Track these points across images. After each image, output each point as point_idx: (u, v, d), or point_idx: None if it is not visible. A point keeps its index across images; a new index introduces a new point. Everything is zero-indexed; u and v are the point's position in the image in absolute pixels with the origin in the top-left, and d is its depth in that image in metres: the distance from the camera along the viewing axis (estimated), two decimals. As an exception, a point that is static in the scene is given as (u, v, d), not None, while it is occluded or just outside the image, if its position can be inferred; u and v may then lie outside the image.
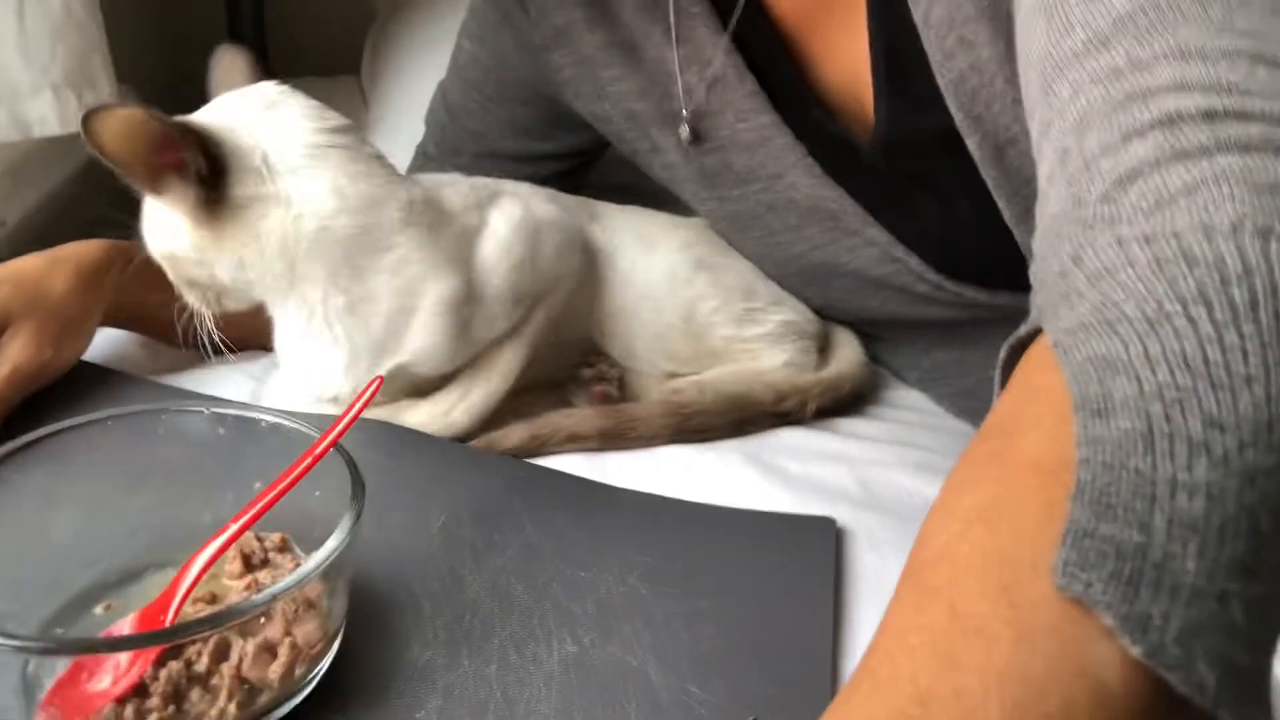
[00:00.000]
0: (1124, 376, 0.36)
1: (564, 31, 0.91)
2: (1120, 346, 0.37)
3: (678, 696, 0.55)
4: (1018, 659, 0.33)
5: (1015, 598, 0.34)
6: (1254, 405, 0.34)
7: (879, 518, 0.72)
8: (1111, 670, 0.33)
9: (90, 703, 0.50)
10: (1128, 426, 0.35)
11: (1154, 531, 0.33)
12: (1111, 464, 0.35)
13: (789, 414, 0.84)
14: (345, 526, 0.52)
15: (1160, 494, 0.34)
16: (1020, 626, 0.34)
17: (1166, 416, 0.35)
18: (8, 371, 0.73)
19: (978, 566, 0.36)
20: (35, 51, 0.98)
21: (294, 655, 0.50)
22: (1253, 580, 0.34)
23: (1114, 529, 0.34)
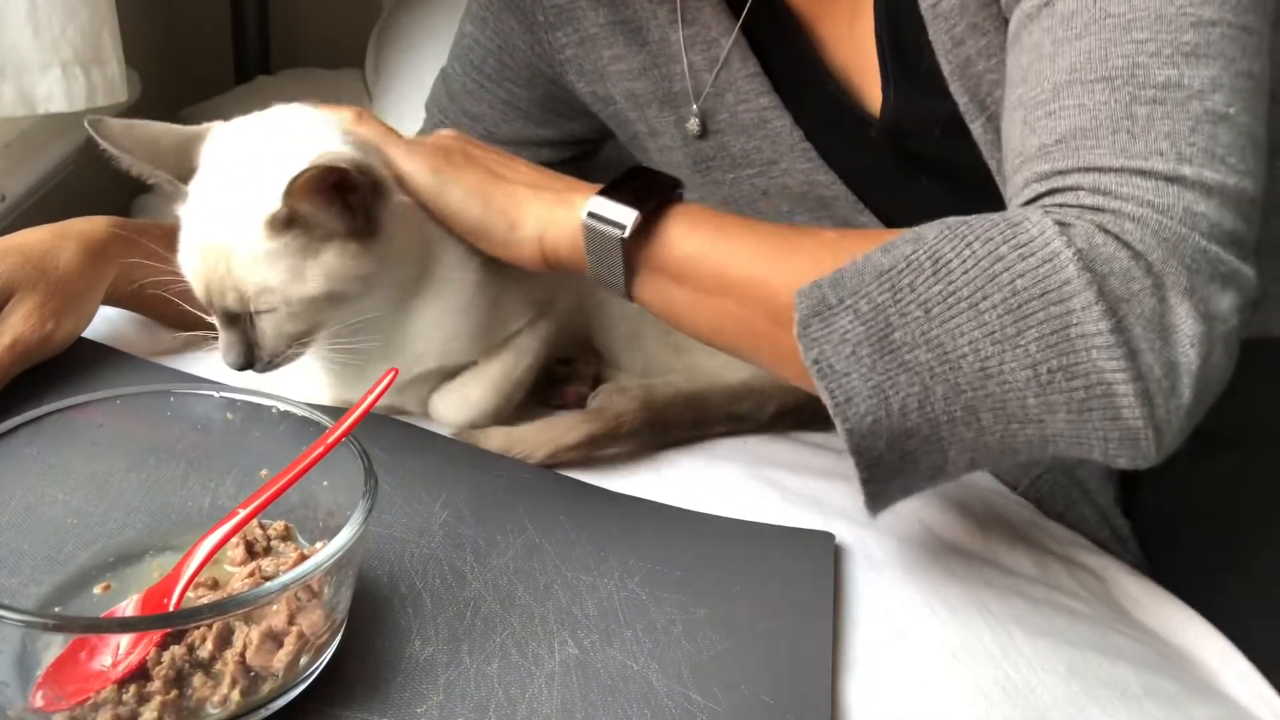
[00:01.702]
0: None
1: (567, 10, 0.91)
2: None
3: (680, 704, 0.55)
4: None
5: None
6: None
7: (876, 536, 0.72)
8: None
9: (89, 682, 0.49)
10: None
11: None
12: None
13: (745, 416, 0.84)
14: (359, 518, 0.52)
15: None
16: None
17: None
18: (8, 342, 0.72)
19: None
20: (45, 28, 0.97)
21: (300, 645, 0.50)
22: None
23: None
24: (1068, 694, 0.61)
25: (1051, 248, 0.56)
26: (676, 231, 0.68)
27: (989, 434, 0.59)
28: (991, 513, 0.80)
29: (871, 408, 0.58)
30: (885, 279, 0.59)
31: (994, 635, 0.64)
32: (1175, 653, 0.71)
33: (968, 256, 0.57)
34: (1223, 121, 0.58)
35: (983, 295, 0.56)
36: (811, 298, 0.60)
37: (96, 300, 0.80)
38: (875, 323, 0.58)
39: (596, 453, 0.78)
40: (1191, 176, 0.57)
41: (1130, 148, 0.58)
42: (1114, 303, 0.55)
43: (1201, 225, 0.56)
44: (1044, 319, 0.55)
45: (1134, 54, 0.58)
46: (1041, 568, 0.75)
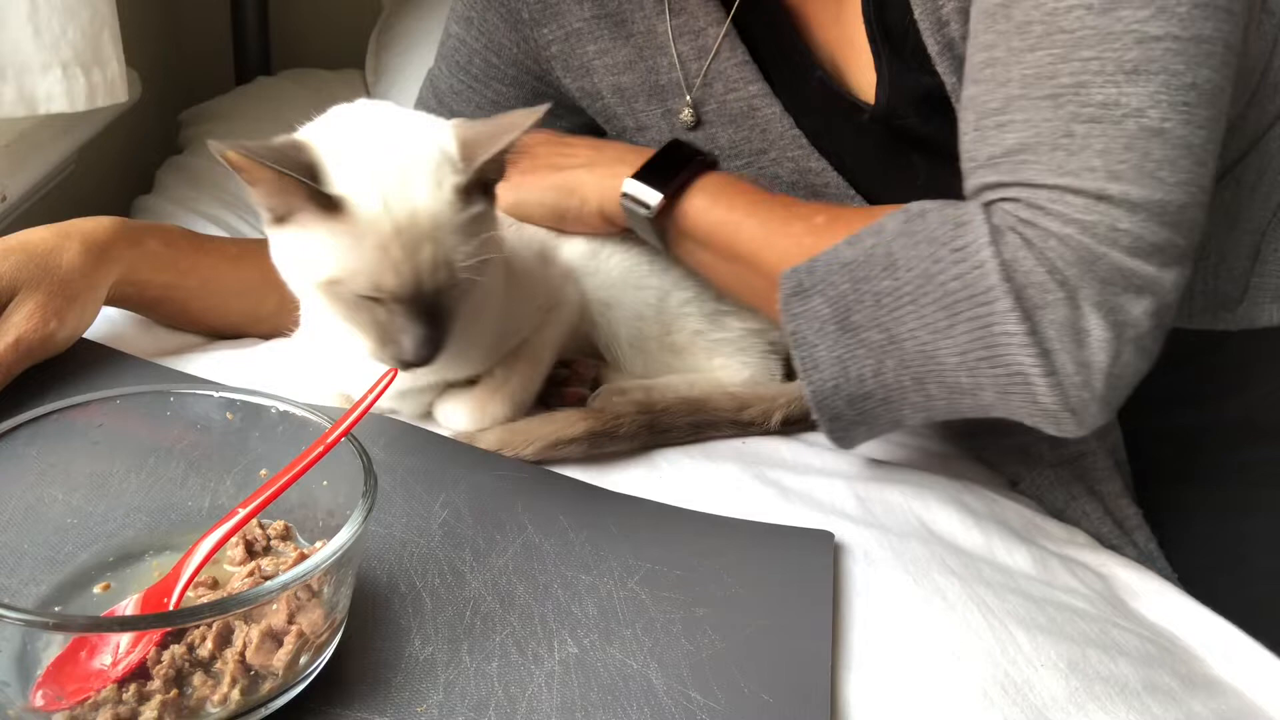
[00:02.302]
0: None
1: (551, 5, 0.92)
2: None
3: (680, 702, 0.55)
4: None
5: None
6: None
7: (875, 534, 0.72)
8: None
9: (88, 681, 0.49)
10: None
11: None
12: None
13: (752, 423, 0.84)
14: (359, 517, 0.52)
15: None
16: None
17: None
18: (11, 341, 0.72)
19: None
20: (46, 28, 0.97)
21: (300, 644, 0.50)
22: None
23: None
24: (1067, 690, 0.61)
25: (981, 256, 0.65)
26: (696, 207, 0.80)
27: (935, 399, 0.70)
28: (990, 511, 0.80)
29: (834, 374, 0.72)
30: (846, 270, 0.70)
31: (993, 633, 0.64)
32: (1176, 646, 0.71)
33: (913, 256, 0.67)
34: (1156, 137, 0.62)
35: (922, 292, 0.67)
36: (791, 280, 0.72)
37: (99, 300, 0.80)
38: (839, 306, 0.70)
39: (594, 451, 0.78)
40: (1118, 194, 0.62)
41: (1065, 165, 0.64)
42: (1030, 309, 0.63)
43: (1123, 240, 0.63)
44: (971, 317, 0.65)
45: (1079, 72, 0.63)
46: (1041, 565, 0.75)
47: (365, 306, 0.66)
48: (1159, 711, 0.62)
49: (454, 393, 0.80)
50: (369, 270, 0.64)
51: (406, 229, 0.64)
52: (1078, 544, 0.82)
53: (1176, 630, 0.73)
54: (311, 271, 0.67)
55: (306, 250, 0.66)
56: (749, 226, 0.78)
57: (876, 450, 0.86)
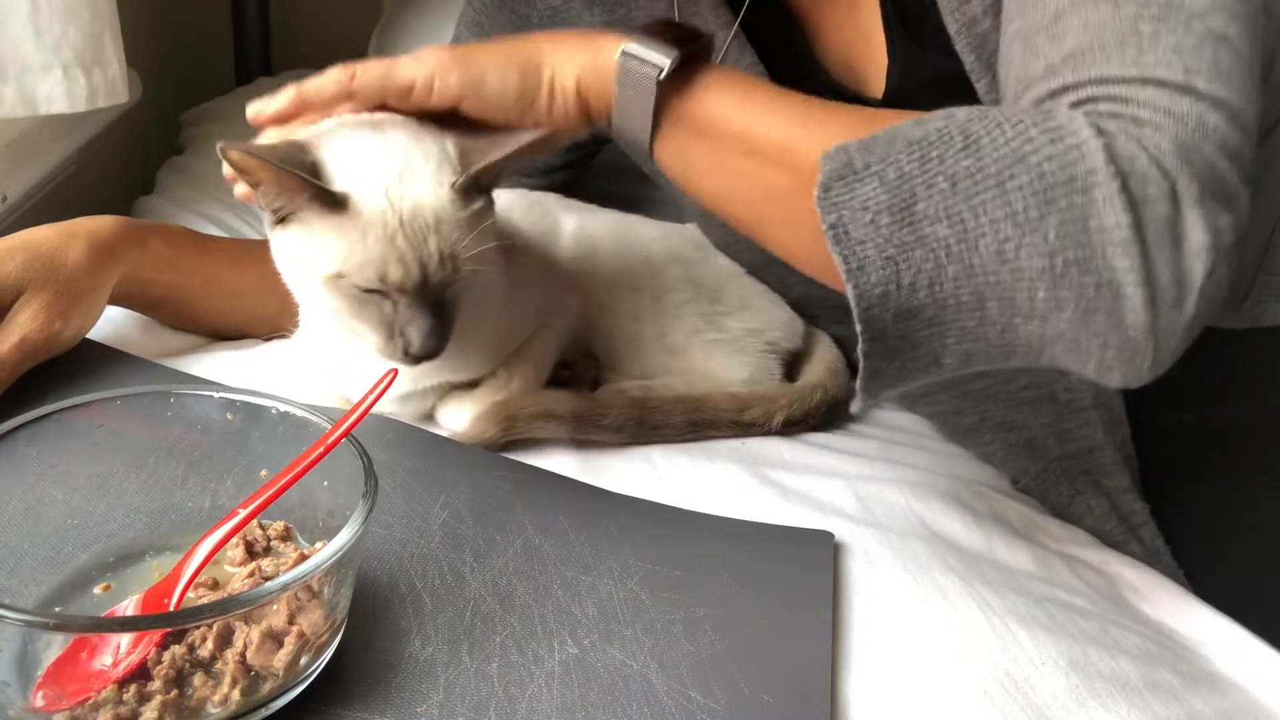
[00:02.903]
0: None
1: (561, 11, 0.92)
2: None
3: (680, 702, 0.55)
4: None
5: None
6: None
7: (875, 534, 0.73)
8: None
9: (89, 681, 0.49)
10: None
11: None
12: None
13: (753, 424, 0.84)
14: (359, 518, 0.52)
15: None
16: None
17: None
18: (16, 341, 0.73)
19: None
20: (46, 29, 0.97)
21: (300, 644, 0.50)
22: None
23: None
24: (1068, 688, 0.61)
25: (1081, 135, 0.56)
26: (708, 85, 0.68)
27: (991, 325, 0.59)
28: (991, 510, 0.80)
29: (883, 279, 0.58)
30: (915, 148, 0.58)
31: (994, 631, 0.64)
32: (1178, 644, 0.71)
33: (998, 136, 0.57)
34: (1223, 43, 0.58)
35: (1010, 175, 0.56)
36: (838, 160, 0.59)
37: (104, 300, 0.80)
38: (900, 192, 0.58)
39: (578, 435, 0.78)
40: (1202, 89, 0.57)
41: (1140, 60, 0.58)
42: (1135, 201, 0.55)
43: (1214, 137, 0.56)
44: (1067, 206, 0.56)
45: None
46: (1041, 563, 0.75)
47: (371, 301, 0.67)
48: (1160, 709, 0.62)
49: (456, 395, 0.80)
50: (375, 262, 0.65)
51: (410, 222, 0.65)
52: (1079, 542, 0.82)
53: (1178, 627, 0.74)
54: (316, 268, 0.67)
55: (311, 248, 0.67)
56: (777, 111, 0.66)
57: (877, 450, 0.86)
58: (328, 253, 0.67)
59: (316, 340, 0.79)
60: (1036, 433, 0.85)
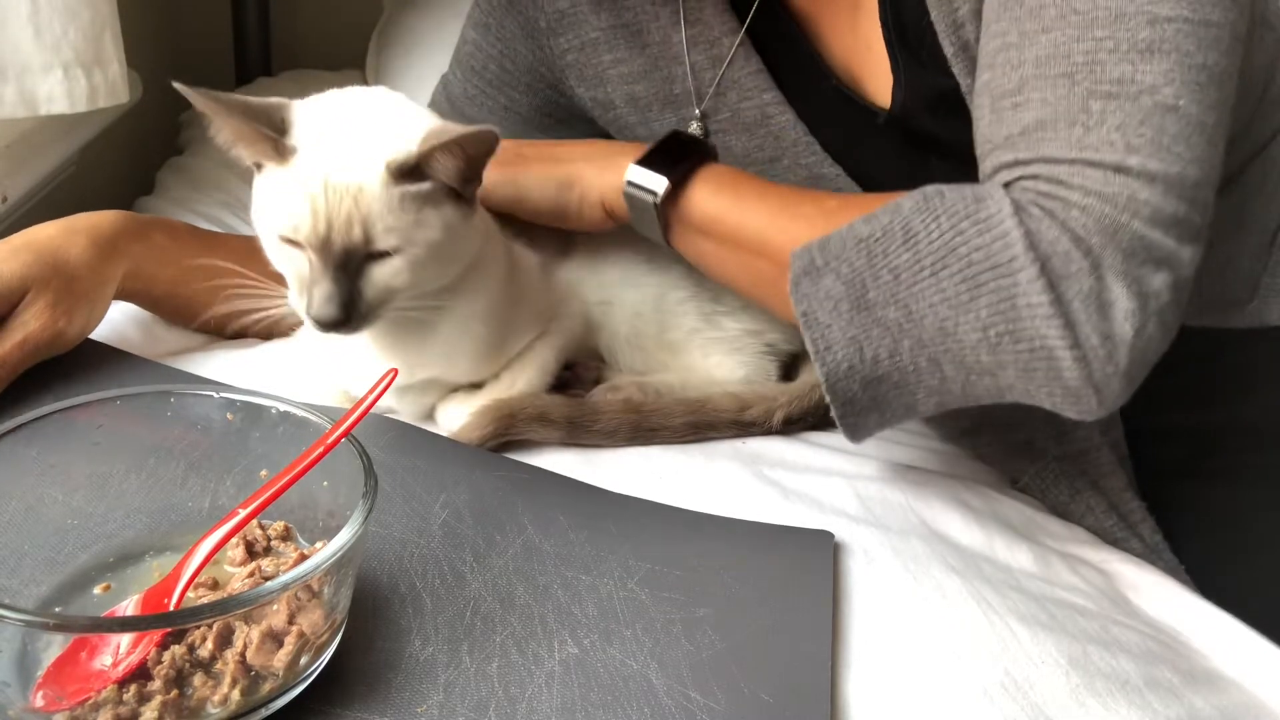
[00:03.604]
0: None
1: (568, 15, 0.92)
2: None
3: (680, 702, 0.55)
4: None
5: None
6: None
7: (875, 533, 0.73)
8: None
9: (89, 681, 0.49)
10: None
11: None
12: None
13: (754, 423, 0.84)
14: (359, 518, 0.52)
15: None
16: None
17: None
18: (18, 340, 0.73)
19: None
20: (47, 29, 0.97)
21: (300, 644, 0.50)
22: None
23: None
24: (1068, 687, 0.61)
25: (1004, 226, 0.63)
26: (701, 194, 0.78)
27: (951, 382, 0.68)
28: (991, 509, 0.80)
29: (847, 355, 0.69)
30: (863, 245, 0.67)
31: (994, 630, 0.64)
32: (1178, 642, 0.71)
33: (934, 229, 0.66)
34: (1171, 113, 0.63)
35: (943, 265, 0.65)
36: (803, 259, 0.69)
37: (108, 297, 0.80)
38: (854, 284, 0.68)
39: (571, 441, 0.79)
40: (1136, 166, 0.63)
41: (1084, 140, 0.64)
42: (1054, 280, 0.62)
43: (1143, 211, 0.62)
44: (994, 289, 0.63)
45: (1094, 50, 0.64)
46: (1041, 562, 0.75)
47: (293, 255, 0.69)
48: (1160, 707, 0.62)
49: (457, 396, 0.80)
50: (291, 212, 0.68)
51: (334, 182, 0.67)
52: (1079, 541, 0.82)
53: (1178, 626, 0.74)
54: (260, 216, 0.71)
55: (260, 196, 0.71)
56: (756, 211, 0.76)
57: (876, 450, 0.86)
58: (267, 200, 0.70)
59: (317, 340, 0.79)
60: (1034, 434, 0.85)
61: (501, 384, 0.80)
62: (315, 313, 0.68)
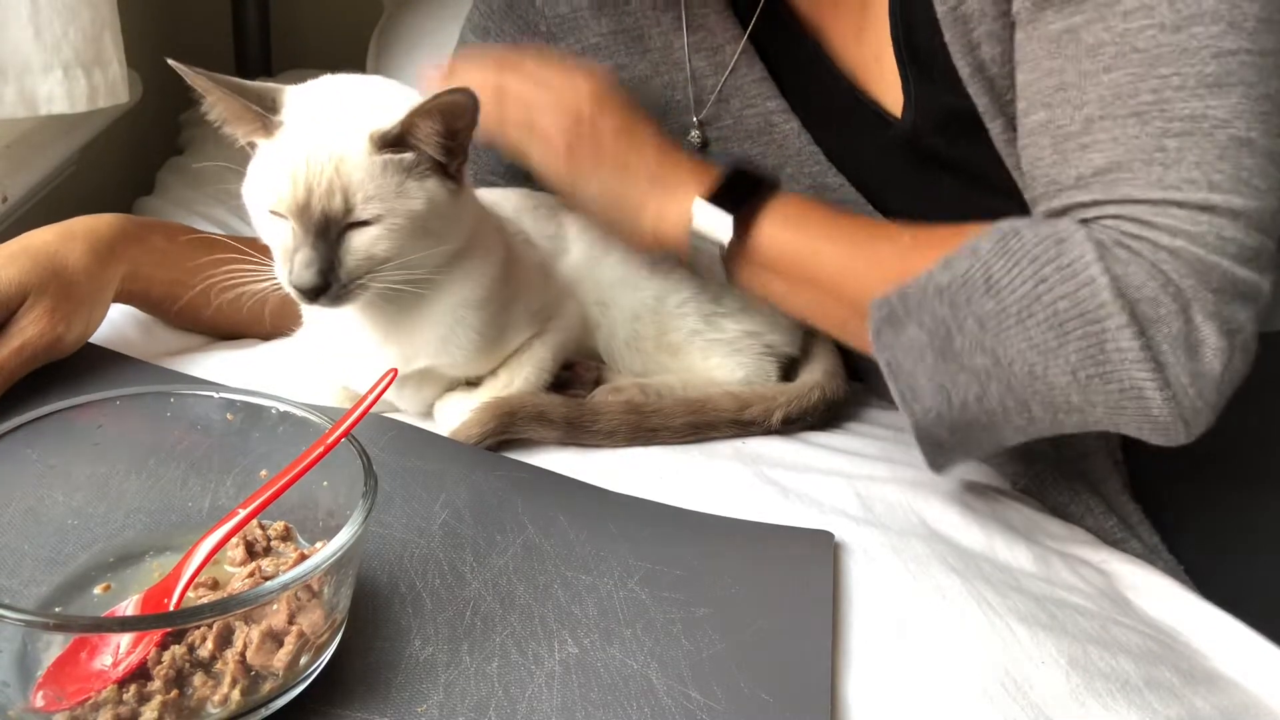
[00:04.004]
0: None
1: (569, 20, 0.92)
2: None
3: (680, 702, 0.55)
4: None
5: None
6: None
7: (875, 533, 0.73)
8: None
9: (89, 681, 0.49)
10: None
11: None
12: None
13: (753, 422, 0.84)
14: (359, 518, 0.52)
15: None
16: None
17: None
18: (16, 346, 0.73)
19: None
20: (47, 30, 0.97)
21: (300, 644, 0.50)
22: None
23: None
24: (1068, 687, 0.61)
25: (1090, 273, 0.63)
26: (769, 231, 0.76)
27: (1039, 421, 0.68)
28: (991, 509, 0.80)
29: (935, 403, 0.69)
30: (945, 294, 0.67)
31: (994, 630, 0.64)
32: (1178, 642, 0.71)
33: (1016, 275, 0.65)
34: (1246, 147, 0.63)
35: (1029, 313, 0.65)
36: (883, 310, 0.69)
37: (107, 302, 0.80)
38: (937, 333, 0.67)
39: (569, 441, 0.79)
40: (1221, 204, 0.63)
41: (1165, 179, 0.63)
42: (1144, 324, 0.62)
43: (1230, 249, 0.63)
44: (1082, 335, 0.63)
45: (1161, 88, 0.63)
46: (1041, 562, 0.75)
47: (279, 226, 0.70)
48: (1160, 707, 0.62)
49: (455, 394, 0.80)
50: (274, 181, 0.69)
51: (316, 151, 0.68)
52: (1079, 541, 0.82)
53: (1178, 626, 0.74)
54: (247, 191, 0.72)
55: (251, 171, 0.72)
56: (829, 252, 0.74)
57: (876, 450, 0.86)
58: (254, 173, 0.71)
59: (317, 335, 0.79)
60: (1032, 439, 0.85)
61: (499, 381, 0.80)
62: (295, 279, 0.69)
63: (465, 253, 0.76)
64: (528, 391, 0.80)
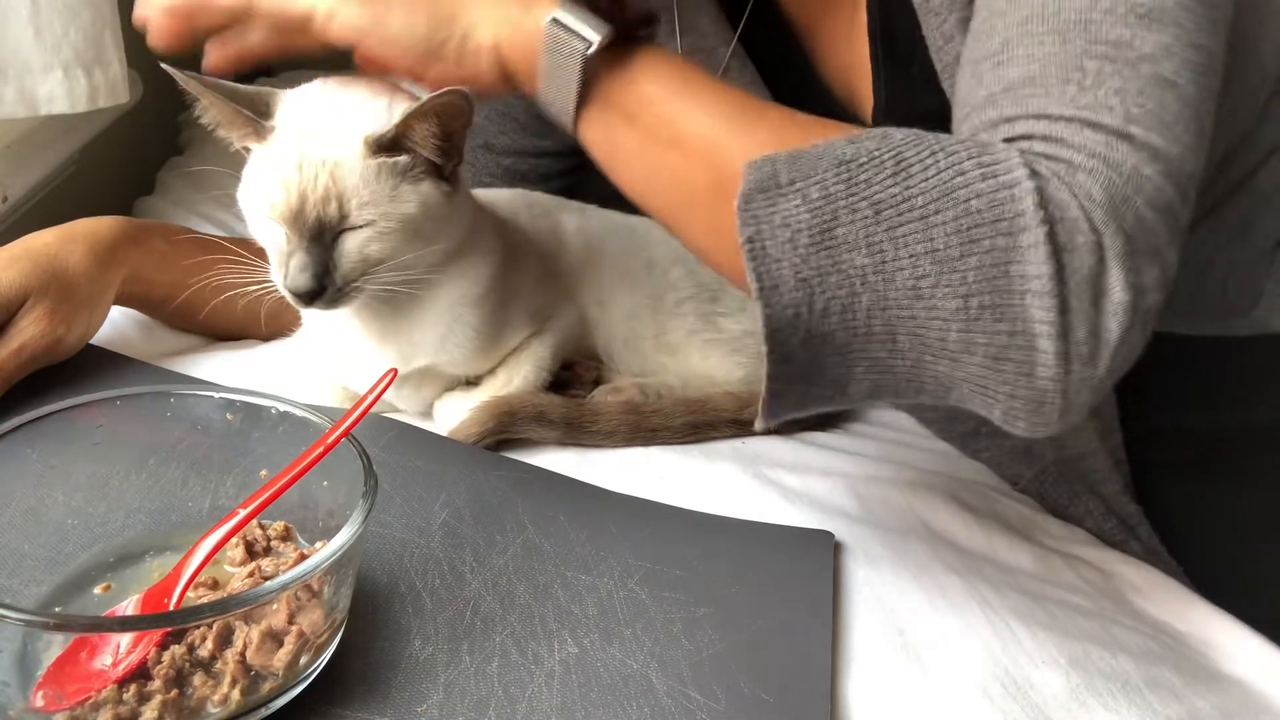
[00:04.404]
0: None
1: None
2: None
3: (680, 701, 0.55)
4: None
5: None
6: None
7: (874, 533, 0.73)
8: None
9: (89, 681, 0.49)
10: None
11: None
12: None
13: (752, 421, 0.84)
14: (359, 518, 0.52)
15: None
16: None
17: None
18: (14, 347, 0.73)
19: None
20: (47, 29, 0.97)
21: (300, 644, 0.50)
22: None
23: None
24: (1068, 687, 0.61)
25: (1015, 174, 0.54)
26: (642, 67, 0.64)
27: (901, 358, 0.57)
28: (991, 510, 0.80)
29: (795, 300, 0.57)
30: (844, 168, 0.56)
31: (994, 630, 0.64)
32: (1179, 642, 0.71)
33: (930, 164, 0.55)
34: (1171, 89, 0.56)
35: (936, 209, 0.54)
36: (762, 171, 0.57)
37: (107, 304, 0.80)
38: (822, 212, 0.56)
39: (569, 441, 0.79)
40: (1140, 137, 0.55)
41: (1079, 99, 0.56)
42: (1059, 248, 0.53)
43: (1146, 189, 0.55)
44: (989, 248, 0.53)
45: (1087, 9, 0.57)
46: (1041, 563, 0.75)
47: (274, 230, 0.70)
48: (1160, 707, 0.62)
49: (454, 393, 0.80)
50: (268, 188, 0.69)
51: (309, 157, 0.68)
52: (1079, 541, 0.82)
53: (1178, 626, 0.73)
54: (243, 196, 0.72)
55: (246, 177, 0.72)
56: (709, 105, 0.63)
57: (876, 450, 0.86)
58: (249, 179, 0.71)
59: (316, 335, 0.79)
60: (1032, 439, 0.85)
61: (497, 380, 0.80)
62: (290, 283, 0.69)
63: (462, 252, 0.76)
64: (527, 390, 0.80)
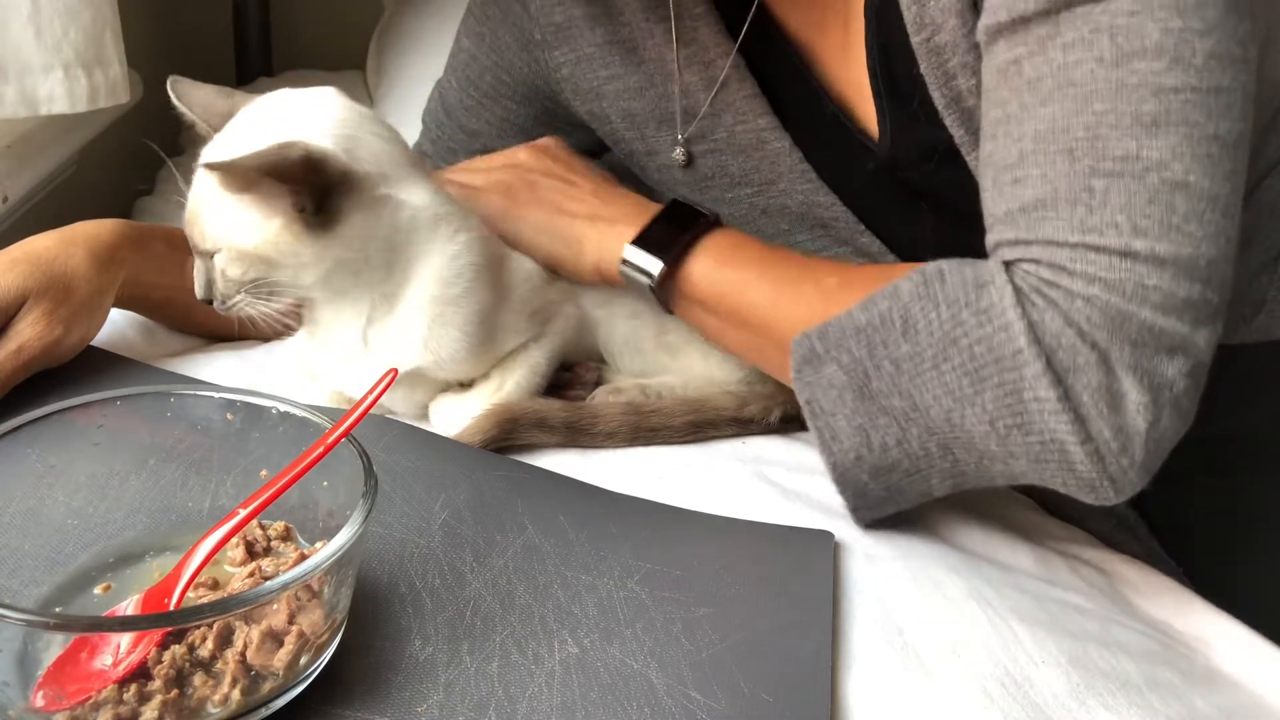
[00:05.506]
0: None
1: (564, 29, 0.91)
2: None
3: (680, 702, 0.55)
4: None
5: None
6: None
7: (875, 533, 0.73)
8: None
9: (89, 681, 0.49)
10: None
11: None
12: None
13: (753, 420, 0.84)
14: (359, 518, 0.52)
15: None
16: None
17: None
18: (13, 349, 0.73)
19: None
20: (48, 29, 0.97)
21: (300, 644, 0.50)
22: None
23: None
24: (1069, 687, 0.61)
25: (1006, 318, 0.61)
26: (700, 270, 0.77)
27: (964, 465, 0.66)
28: (991, 509, 0.80)
29: (854, 445, 0.68)
30: (862, 335, 0.66)
31: (994, 630, 0.64)
32: (1179, 642, 0.71)
33: (933, 319, 0.64)
34: (1180, 190, 0.60)
35: (944, 358, 0.63)
36: (803, 347, 0.69)
37: (106, 307, 0.80)
38: (855, 373, 0.66)
39: (569, 444, 0.79)
40: (1144, 250, 0.60)
41: (1087, 221, 0.61)
42: (1061, 373, 0.60)
43: (1153, 298, 0.60)
44: (999, 383, 0.62)
45: (1095, 125, 0.61)
46: (1042, 562, 0.75)
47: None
48: (1161, 707, 0.62)
49: (449, 396, 0.80)
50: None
51: (193, 188, 0.72)
52: (1079, 541, 0.82)
53: (1178, 625, 0.74)
54: None
55: None
56: (756, 290, 0.74)
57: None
58: None
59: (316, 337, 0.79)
60: None
61: (491, 383, 0.80)
62: (194, 288, 0.74)
63: (412, 258, 0.74)
64: (521, 394, 0.80)
